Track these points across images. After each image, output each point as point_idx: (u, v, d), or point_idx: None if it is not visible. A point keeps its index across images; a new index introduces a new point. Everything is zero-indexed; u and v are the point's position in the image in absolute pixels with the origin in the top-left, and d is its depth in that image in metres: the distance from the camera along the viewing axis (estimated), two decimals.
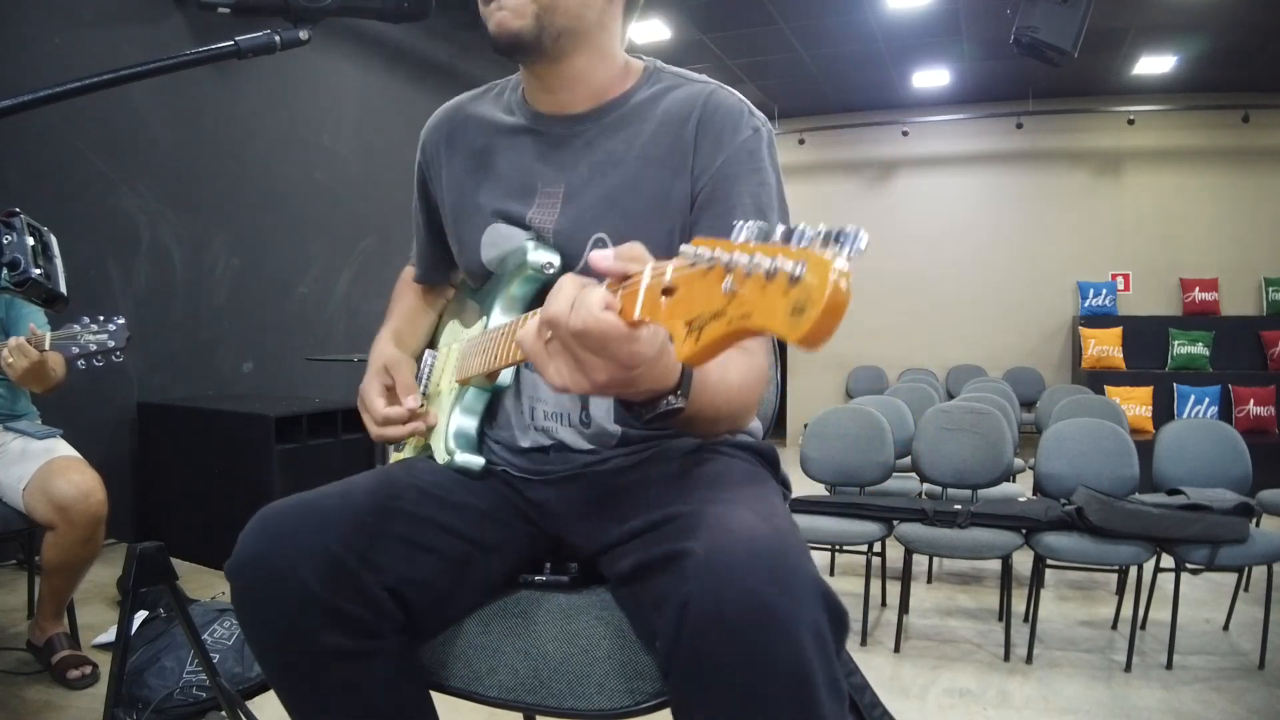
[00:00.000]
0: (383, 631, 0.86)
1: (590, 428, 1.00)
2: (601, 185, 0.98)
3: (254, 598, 0.84)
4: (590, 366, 0.65)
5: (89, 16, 3.36)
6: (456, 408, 1.04)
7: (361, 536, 0.85)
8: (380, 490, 0.92)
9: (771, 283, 0.49)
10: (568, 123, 1.02)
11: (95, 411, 3.38)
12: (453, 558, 0.92)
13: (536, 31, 0.93)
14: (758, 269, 0.50)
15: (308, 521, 0.85)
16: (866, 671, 1.00)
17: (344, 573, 0.83)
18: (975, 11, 5.31)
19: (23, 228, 1.16)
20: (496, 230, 1.04)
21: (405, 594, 0.87)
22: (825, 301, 0.47)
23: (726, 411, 0.86)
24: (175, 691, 1.91)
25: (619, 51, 1.04)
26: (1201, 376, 6.39)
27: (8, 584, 2.86)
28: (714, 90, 1.00)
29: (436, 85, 5.11)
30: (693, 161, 0.96)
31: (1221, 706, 2.25)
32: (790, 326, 0.48)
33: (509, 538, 0.99)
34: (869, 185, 7.80)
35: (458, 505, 0.96)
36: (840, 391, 7.58)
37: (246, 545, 0.84)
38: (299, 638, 0.83)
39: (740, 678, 0.67)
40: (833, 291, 0.47)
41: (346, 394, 4.40)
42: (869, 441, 3.04)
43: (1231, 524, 2.41)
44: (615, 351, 0.63)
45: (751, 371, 0.90)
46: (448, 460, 1.01)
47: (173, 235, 3.74)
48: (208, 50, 0.80)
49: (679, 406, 0.73)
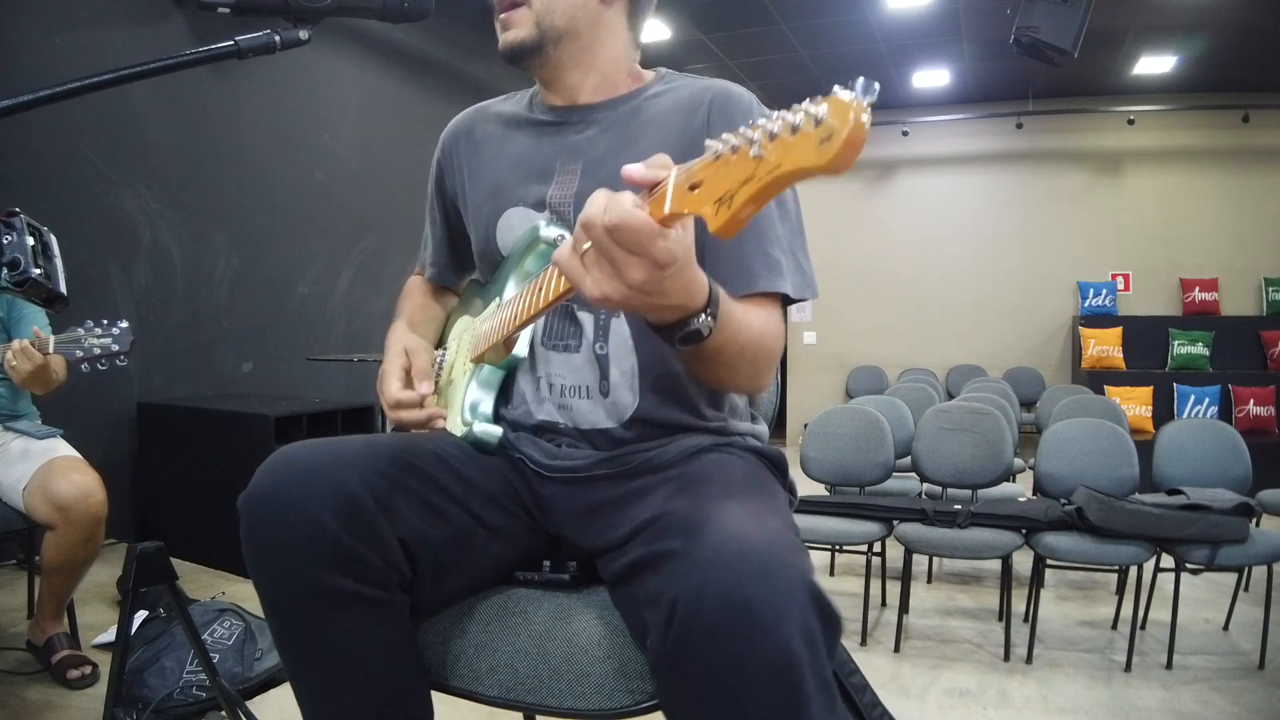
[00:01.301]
0: (389, 583, 0.86)
1: (609, 396, 1.01)
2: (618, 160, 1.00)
3: (265, 531, 0.83)
4: (626, 265, 0.66)
5: (89, 16, 3.36)
6: (472, 382, 1.04)
7: (382, 482, 0.85)
8: (402, 446, 0.93)
9: (796, 135, 0.53)
10: (583, 111, 1.07)
11: (95, 411, 3.38)
12: (460, 529, 0.93)
13: (538, 37, 1.01)
14: (784, 124, 0.53)
15: (328, 460, 0.85)
16: (866, 671, 1.00)
17: (360, 514, 0.82)
18: (975, 11, 5.31)
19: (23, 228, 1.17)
20: (514, 214, 1.07)
21: (415, 550, 0.87)
22: (848, 133, 0.50)
23: (750, 353, 0.88)
24: (175, 691, 1.91)
25: (627, 53, 1.09)
26: (1201, 376, 6.39)
27: (8, 584, 2.87)
28: (725, 84, 1.06)
29: (436, 85, 5.11)
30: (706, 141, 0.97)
31: (1221, 706, 2.25)
32: (819, 154, 0.51)
33: (510, 524, 0.99)
34: (869, 185, 7.80)
35: (469, 480, 0.97)
36: (840, 391, 7.59)
37: (263, 477, 0.84)
38: (307, 575, 0.82)
39: (725, 677, 0.66)
40: (854, 126, 0.50)
41: (346, 394, 4.43)
42: (869, 441, 3.04)
43: (1231, 524, 2.41)
44: (649, 247, 0.65)
45: (771, 323, 0.93)
46: (465, 431, 1.01)
47: (173, 235, 3.74)
48: (208, 50, 0.81)
49: (710, 326, 0.75)
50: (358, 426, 3.54)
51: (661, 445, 0.99)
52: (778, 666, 0.66)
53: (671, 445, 0.99)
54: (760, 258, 0.96)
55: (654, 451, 0.99)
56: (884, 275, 7.69)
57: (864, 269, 7.72)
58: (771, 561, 0.69)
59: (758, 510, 0.79)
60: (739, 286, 0.93)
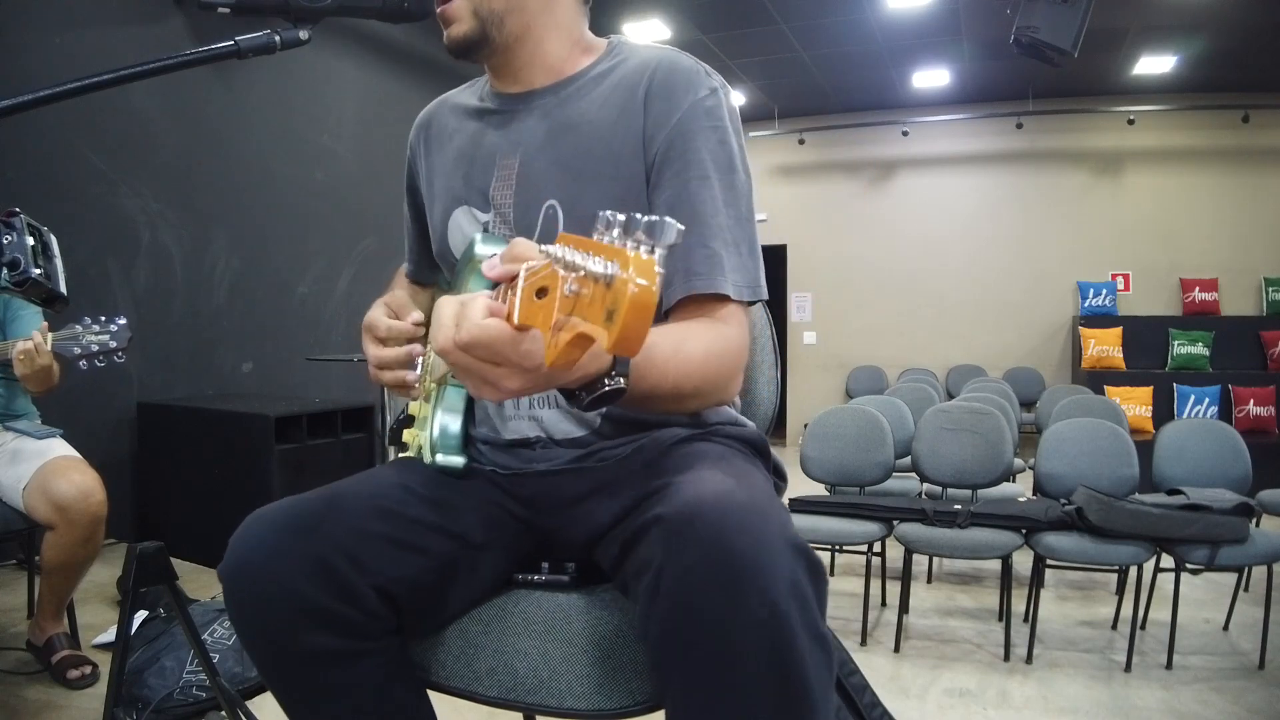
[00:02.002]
0: (372, 632, 0.86)
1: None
2: (553, 153, 0.99)
3: (244, 601, 0.84)
4: (496, 375, 0.64)
5: (89, 16, 3.36)
6: (439, 409, 1.04)
7: (348, 536, 0.86)
8: (365, 491, 0.93)
9: (597, 285, 0.48)
10: (527, 98, 1.04)
11: (95, 411, 3.38)
12: (441, 555, 0.92)
13: (480, 28, 0.98)
14: (580, 271, 0.49)
15: (294, 524, 0.85)
16: (866, 671, 1.00)
17: (332, 575, 0.83)
18: (975, 11, 5.31)
19: (23, 228, 1.17)
20: (459, 215, 1.06)
21: (394, 593, 0.87)
22: (628, 301, 0.46)
23: (690, 386, 0.85)
24: (175, 691, 1.91)
25: (575, 30, 1.05)
26: (1201, 376, 6.39)
27: (8, 584, 2.86)
28: (670, 54, 1.00)
29: (436, 85, 5.07)
30: (644, 123, 0.96)
31: (1221, 706, 2.25)
32: (608, 332, 0.47)
33: (498, 536, 0.99)
34: (869, 185, 7.80)
35: (443, 504, 0.96)
36: (840, 391, 7.59)
37: (235, 550, 0.85)
38: (290, 640, 0.83)
39: (715, 630, 0.65)
40: (637, 292, 0.46)
41: (346, 394, 4.42)
42: (869, 441, 3.04)
43: (1231, 524, 2.41)
44: (509, 355, 0.62)
45: (719, 341, 0.89)
46: (431, 461, 1.01)
47: (173, 235, 3.74)
48: (208, 50, 0.80)
49: (620, 388, 0.68)
50: (358, 426, 3.54)
51: (636, 440, 0.98)
52: (767, 615, 0.64)
53: (646, 439, 0.98)
54: (700, 251, 0.91)
55: (628, 446, 0.98)
56: (884, 275, 7.69)
57: (864, 269, 7.72)
58: (751, 516, 0.68)
59: (734, 474, 0.78)
60: (677, 288, 0.91)
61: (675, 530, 0.68)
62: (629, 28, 5.69)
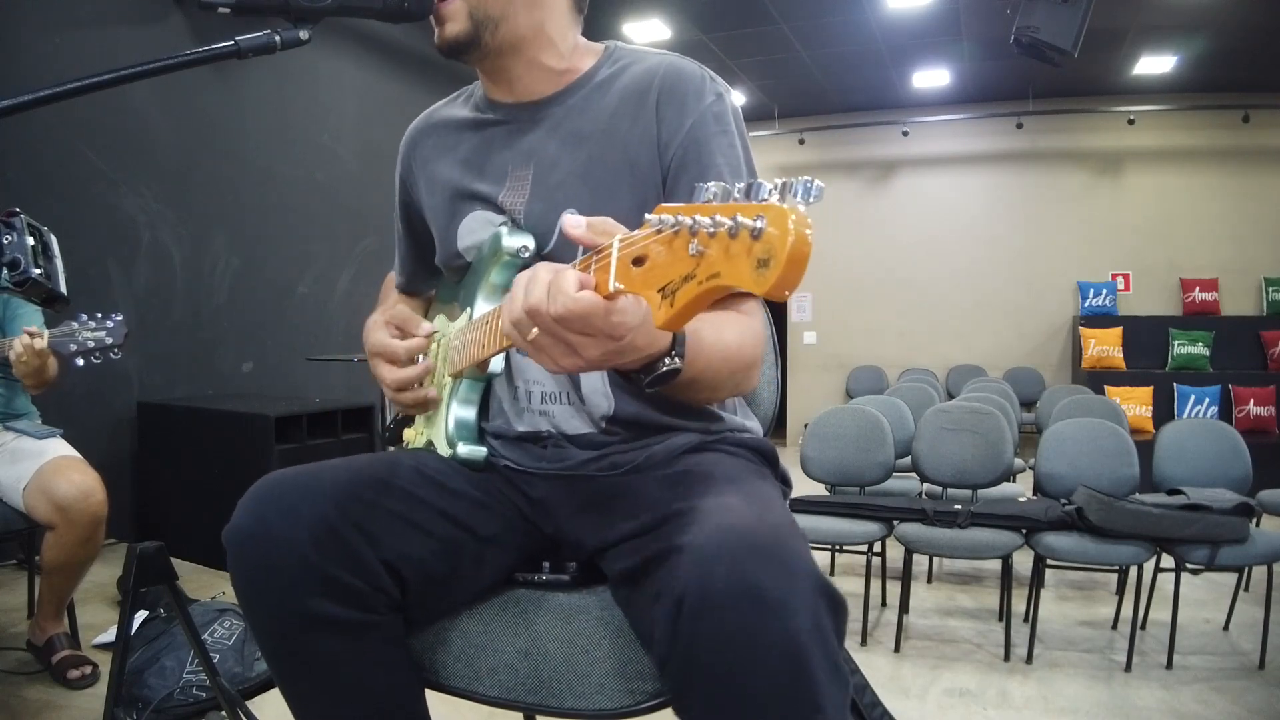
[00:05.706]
0: (377, 606, 0.86)
1: (585, 403, 1.00)
2: (569, 163, 1.00)
3: (250, 564, 0.84)
4: (580, 346, 0.67)
5: (89, 16, 3.36)
6: (453, 400, 1.04)
7: (358, 506, 0.86)
8: (380, 466, 0.93)
9: (735, 240, 0.50)
10: (532, 108, 1.04)
11: (95, 411, 3.38)
12: (448, 542, 0.92)
13: (473, 30, 0.97)
14: (720, 228, 0.51)
15: (306, 490, 0.85)
16: (866, 671, 1.00)
17: (340, 541, 0.83)
18: (975, 11, 5.31)
19: (23, 228, 1.17)
20: (473, 218, 1.05)
21: (401, 570, 0.87)
22: (788, 251, 0.47)
23: (727, 371, 0.88)
24: (175, 691, 1.91)
25: (569, 34, 1.05)
26: (1201, 376, 6.39)
27: (8, 584, 2.86)
28: (673, 60, 1.02)
29: (436, 85, 5.08)
30: (658, 131, 0.97)
31: (1221, 706, 2.25)
32: (757, 280, 0.49)
33: (505, 530, 0.99)
34: (869, 185, 7.80)
35: (455, 492, 0.96)
36: (840, 391, 7.59)
37: (244, 512, 0.85)
38: (293, 605, 0.83)
39: (735, 664, 0.66)
40: (795, 241, 0.47)
41: (346, 394, 4.42)
42: (869, 441, 3.04)
43: (1231, 524, 2.41)
44: (600, 326, 0.65)
45: (748, 331, 0.92)
46: (451, 453, 1.01)
47: (173, 235, 3.74)
48: (208, 50, 0.80)
49: (677, 367, 0.74)
50: (358, 426, 3.54)
51: (647, 446, 0.99)
52: (788, 652, 0.65)
53: (658, 445, 0.98)
54: None
55: (640, 452, 0.98)
56: (884, 275, 7.69)
57: (864, 269, 7.72)
58: (777, 549, 0.69)
59: (761, 503, 0.79)
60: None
61: (701, 561, 0.69)
62: (629, 28, 5.69)
